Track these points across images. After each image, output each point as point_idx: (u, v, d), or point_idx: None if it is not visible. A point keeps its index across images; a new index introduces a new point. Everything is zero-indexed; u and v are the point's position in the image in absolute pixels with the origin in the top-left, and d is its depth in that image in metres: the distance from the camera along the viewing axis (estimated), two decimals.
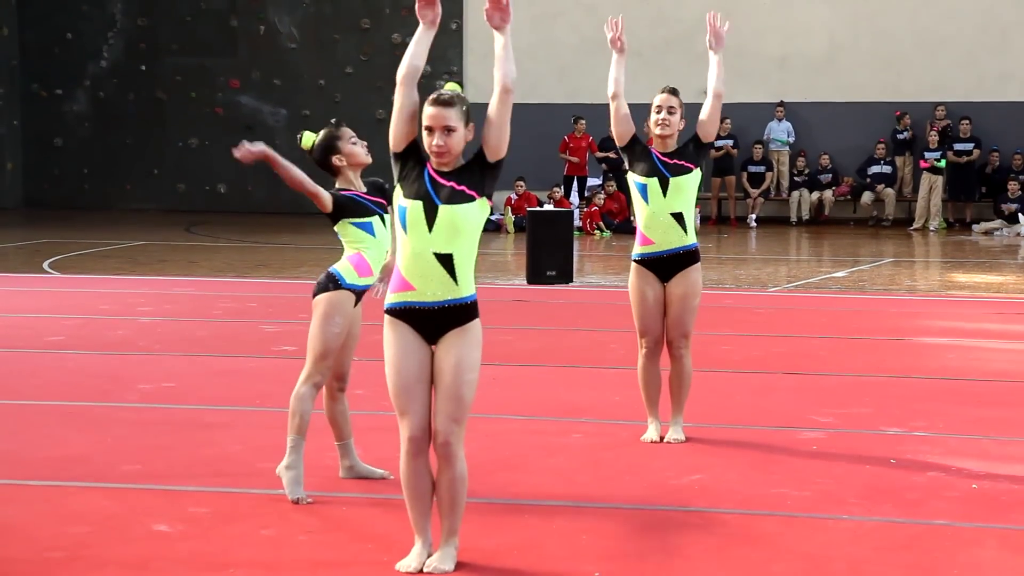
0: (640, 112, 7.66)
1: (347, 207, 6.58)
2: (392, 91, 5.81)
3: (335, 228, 6.59)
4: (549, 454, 7.22)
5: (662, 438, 7.48)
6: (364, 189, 6.66)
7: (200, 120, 26.20)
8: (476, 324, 5.30)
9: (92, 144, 26.62)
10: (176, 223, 23.05)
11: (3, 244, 19.50)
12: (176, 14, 26.08)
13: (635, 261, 7.53)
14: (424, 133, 5.25)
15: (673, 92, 7.50)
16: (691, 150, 7.48)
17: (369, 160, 6.58)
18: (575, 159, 23.31)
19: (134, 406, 8.47)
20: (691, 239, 7.47)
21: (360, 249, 6.57)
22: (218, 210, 25.27)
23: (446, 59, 24.61)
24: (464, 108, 5.27)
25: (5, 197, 26.44)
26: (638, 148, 7.49)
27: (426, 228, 5.18)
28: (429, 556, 5.33)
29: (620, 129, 7.53)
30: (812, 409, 8.44)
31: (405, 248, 5.27)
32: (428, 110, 5.24)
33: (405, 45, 21.23)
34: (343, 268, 6.49)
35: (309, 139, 6.62)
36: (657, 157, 7.41)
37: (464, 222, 5.20)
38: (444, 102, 5.24)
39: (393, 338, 5.31)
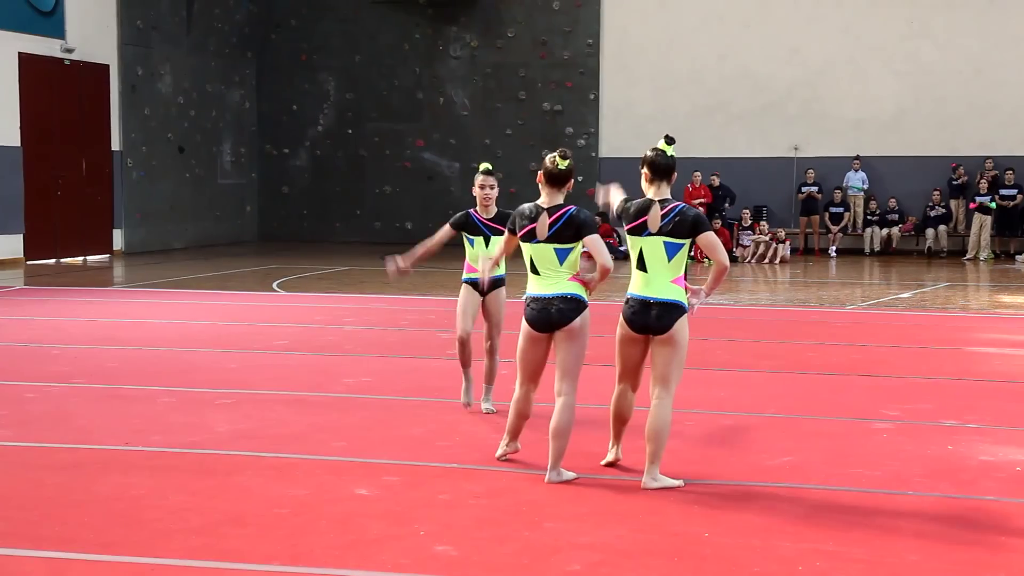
0: (743, 164, 7.55)
1: (465, 224, 7.73)
2: (542, 149, 5.89)
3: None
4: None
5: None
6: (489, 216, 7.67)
7: (392, 172, 26.54)
8: None
9: (310, 191, 27.14)
10: (373, 253, 23.28)
11: (242, 269, 19.97)
12: (375, 89, 26.47)
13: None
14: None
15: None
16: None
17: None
18: (700, 200, 22.96)
19: (340, 396, 8.57)
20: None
21: (468, 254, 7.81)
22: (406, 242, 25.19)
23: (586, 123, 24.59)
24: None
25: (245, 233, 27.08)
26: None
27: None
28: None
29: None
30: (882, 404, 8.23)
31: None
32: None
33: (553, 112, 21.56)
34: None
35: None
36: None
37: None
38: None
39: None
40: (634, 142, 24.22)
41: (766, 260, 21.83)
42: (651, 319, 5.96)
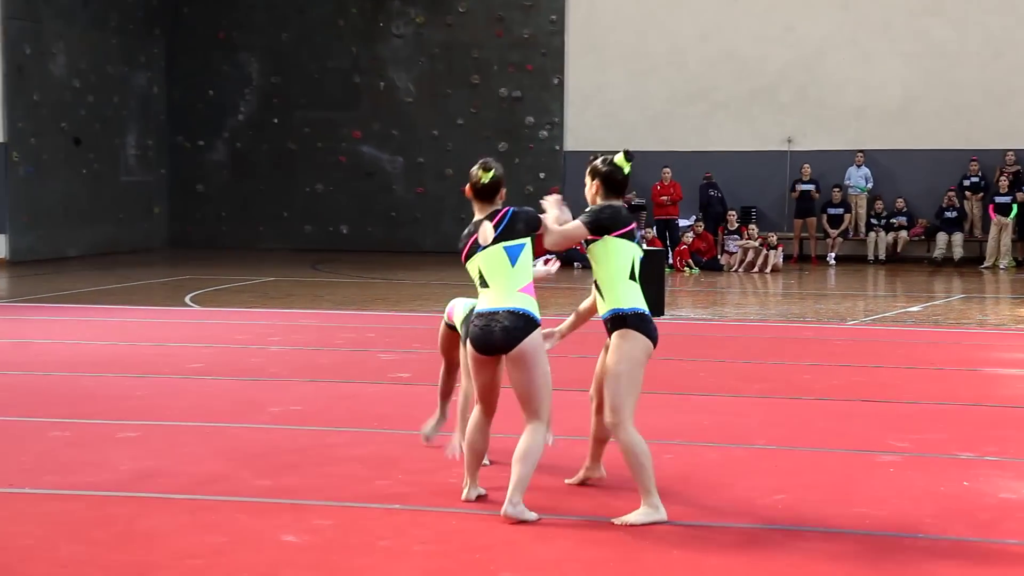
0: (729, 158, 7.61)
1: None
2: (499, 141, 5.95)
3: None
4: None
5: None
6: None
7: (326, 168, 26.53)
8: None
9: (230, 190, 27.08)
10: (303, 261, 23.30)
11: (149, 280, 19.85)
12: (305, 72, 26.46)
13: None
14: None
15: None
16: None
17: None
18: (666, 198, 23.08)
19: (265, 427, 8.53)
20: None
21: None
22: (340, 249, 25.51)
23: (549, 111, 24.67)
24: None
25: (152, 238, 26.95)
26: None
27: None
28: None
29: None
30: (889, 434, 8.29)
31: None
32: None
33: (510, 99, 21.62)
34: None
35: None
36: None
37: None
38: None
39: None
40: (604, 133, 24.37)
41: (755, 269, 21.99)
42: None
